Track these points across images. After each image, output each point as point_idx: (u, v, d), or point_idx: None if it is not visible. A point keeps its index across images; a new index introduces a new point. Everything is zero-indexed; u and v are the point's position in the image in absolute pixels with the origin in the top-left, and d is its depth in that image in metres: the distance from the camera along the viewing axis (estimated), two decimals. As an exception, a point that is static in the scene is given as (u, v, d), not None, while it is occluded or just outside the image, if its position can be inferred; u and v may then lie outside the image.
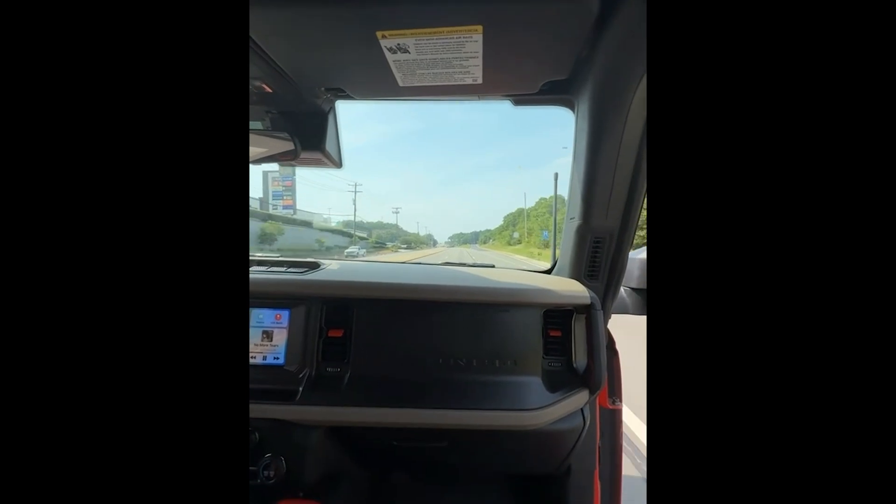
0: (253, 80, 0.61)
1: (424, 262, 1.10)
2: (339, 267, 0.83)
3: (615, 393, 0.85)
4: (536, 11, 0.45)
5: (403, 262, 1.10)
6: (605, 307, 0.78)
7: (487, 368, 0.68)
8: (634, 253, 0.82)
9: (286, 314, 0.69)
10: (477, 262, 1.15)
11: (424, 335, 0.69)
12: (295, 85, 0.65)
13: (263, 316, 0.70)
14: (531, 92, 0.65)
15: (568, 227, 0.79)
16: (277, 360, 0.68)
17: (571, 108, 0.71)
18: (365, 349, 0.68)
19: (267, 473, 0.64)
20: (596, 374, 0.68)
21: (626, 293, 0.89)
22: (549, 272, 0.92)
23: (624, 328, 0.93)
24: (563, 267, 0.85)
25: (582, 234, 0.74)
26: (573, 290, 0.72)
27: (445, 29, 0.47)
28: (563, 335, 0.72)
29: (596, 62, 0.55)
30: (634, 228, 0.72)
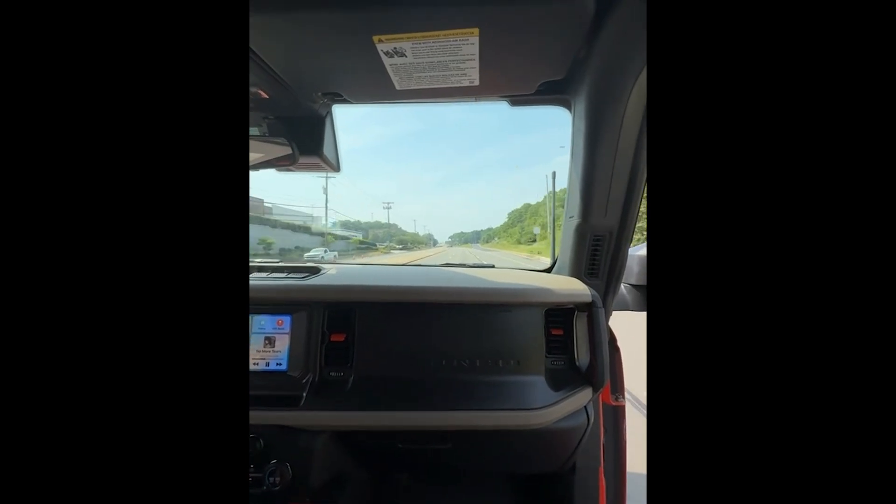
0: (250, 86, 0.61)
1: (425, 263, 1.10)
2: (340, 271, 0.83)
3: (618, 389, 0.85)
4: (532, 13, 0.45)
5: (404, 263, 1.10)
6: (605, 304, 0.78)
7: (490, 369, 0.68)
8: (633, 249, 0.82)
9: (287, 320, 0.69)
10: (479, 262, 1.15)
11: (427, 337, 0.69)
12: (292, 90, 0.65)
13: (265, 322, 0.70)
14: (528, 93, 0.65)
15: (567, 225, 0.80)
16: (280, 365, 0.68)
17: (568, 107, 0.71)
18: (367, 353, 0.68)
19: (273, 480, 0.64)
20: (599, 371, 0.68)
21: (626, 290, 0.89)
22: (548, 271, 0.93)
23: (623, 323, 0.94)
24: (563, 265, 0.85)
25: (581, 232, 0.74)
26: (574, 288, 0.72)
27: (442, 32, 0.47)
28: (564, 333, 0.72)
29: (592, 62, 0.56)
30: (633, 225, 0.72)
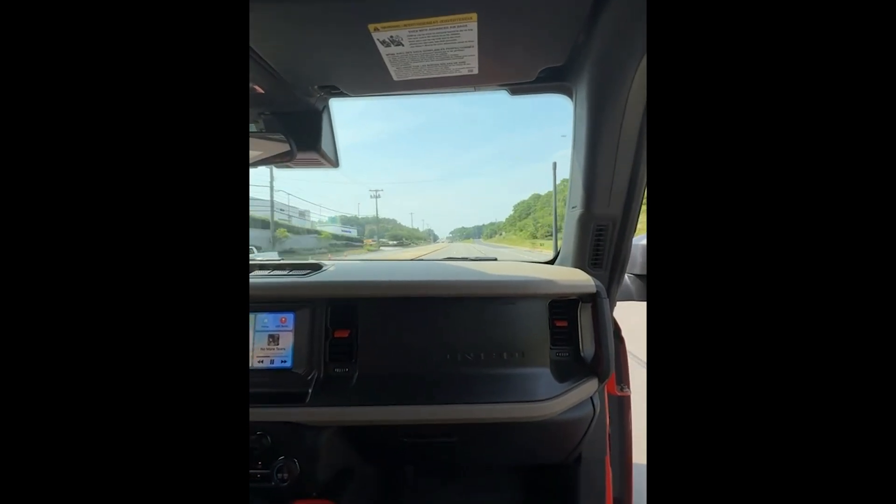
0: None
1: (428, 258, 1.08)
2: (342, 267, 0.82)
3: (623, 380, 0.85)
4: None
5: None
6: (610, 295, 0.77)
7: (495, 361, 0.68)
8: (637, 239, 0.81)
9: (291, 317, 0.69)
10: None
11: (431, 331, 0.69)
12: (288, 85, 0.63)
13: (268, 320, 0.69)
14: (528, 80, 0.64)
15: (570, 216, 0.79)
16: (285, 363, 0.68)
17: (570, 95, 0.70)
18: (372, 348, 0.68)
19: (281, 476, 0.64)
20: (605, 362, 0.67)
21: (629, 280, 0.88)
22: (551, 262, 0.92)
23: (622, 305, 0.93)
24: (566, 257, 0.84)
25: (584, 222, 0.73)
26: (578, 279, 0.71)
27: (439, 18, 0.46)
28: (569, 325, 0.72)
29: (593, 47, 0.54)
30: (637, 214, 0.71)
